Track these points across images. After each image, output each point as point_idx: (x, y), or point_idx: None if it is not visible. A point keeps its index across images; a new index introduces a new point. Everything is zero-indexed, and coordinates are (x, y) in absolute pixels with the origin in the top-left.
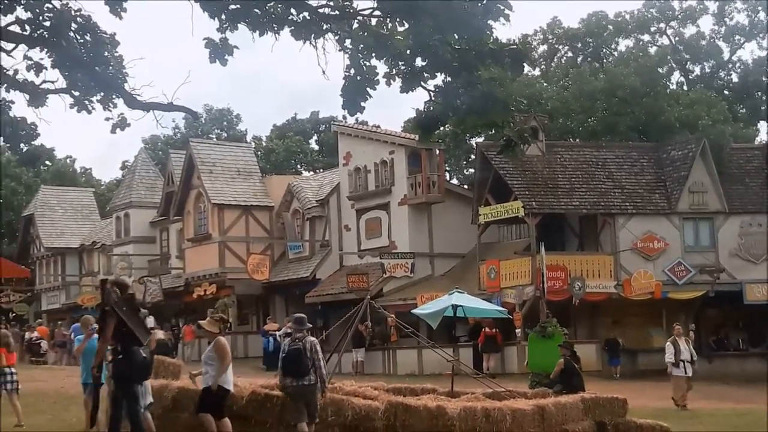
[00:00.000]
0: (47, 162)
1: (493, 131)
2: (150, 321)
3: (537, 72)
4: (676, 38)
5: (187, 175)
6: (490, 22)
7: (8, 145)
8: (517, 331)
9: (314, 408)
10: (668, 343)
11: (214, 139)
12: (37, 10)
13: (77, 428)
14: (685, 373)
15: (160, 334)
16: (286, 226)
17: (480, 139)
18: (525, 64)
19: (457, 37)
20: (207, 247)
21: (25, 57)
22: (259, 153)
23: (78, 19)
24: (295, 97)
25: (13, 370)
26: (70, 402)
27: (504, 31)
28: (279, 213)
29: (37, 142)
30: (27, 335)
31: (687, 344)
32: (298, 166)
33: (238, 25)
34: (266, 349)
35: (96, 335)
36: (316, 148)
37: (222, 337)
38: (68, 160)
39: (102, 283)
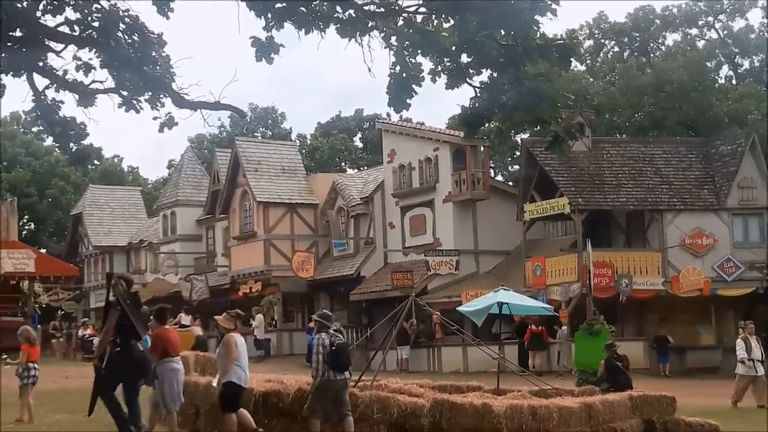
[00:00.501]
0: (95, 161)
1: (540, 127)
2: (187, 319)
3: (583, 67)
4: (725, 32)
5: (232, 173)
6: (537, 17)
7: (58, 144)
8: (564, 328)
9: (347, 402)
10: (739, 340)
11: (259, 138)
12: (86, 11)
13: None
14: (756, 372)
15: (198, 331)
16: (330, 224)
17: (525, 136)
18: (572, 59)
19: (503, 32)
20: (252, 245)
21: (75, 57)
22: (303, 151)
23: (126, 19)
24: (339, 95)
25: (36, 365)
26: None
27: (550, 27)
28: (324, 211)
29: (86, 142)
30: (80, 332)
31: (758, 342)
32: (343, 164)
33: (284, 23)
34: (311, 346)
35: None
36: (361, 145)
37: (234, 333)
38: (116, 160)
39: (108, 277)
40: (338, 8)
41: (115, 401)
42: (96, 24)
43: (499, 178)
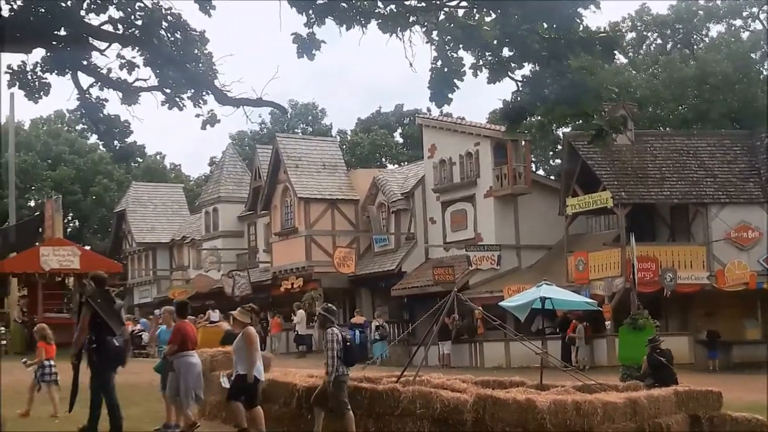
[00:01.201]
0: (138, 159)
1: (582, 121)
2: (216, 315)
3: (625, 60)
4: None
5: (273, 169)
6: (580, 9)
7: (102, 142)
8: (607, 323)
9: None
10: None
11: (300, 134)
12: (129, 10)
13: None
14: None
15: (226, 326)
16: (371, 219)
17: (567, 130)
18: (615, 52)
19: (545, 26)
20: (294, 241)
21: (118, 56)
22: (344, 147)
23: (168, 17)
24: (379, 91)
25: (53, 362)
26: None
27: (592, 19)
28: (364, 206)
29: (129, 140)
30: (130, 328)
31: None
32: (383, 160)
33: (326, 19)
34: (353, 341)
35: (162, 326)
36: (401, 141)
37: (251, 327)
38: (158, 157)
39: (80, 279)
40: (379, 4)
41: (99, 398)
42: (139, 22)
43: (541, 172)
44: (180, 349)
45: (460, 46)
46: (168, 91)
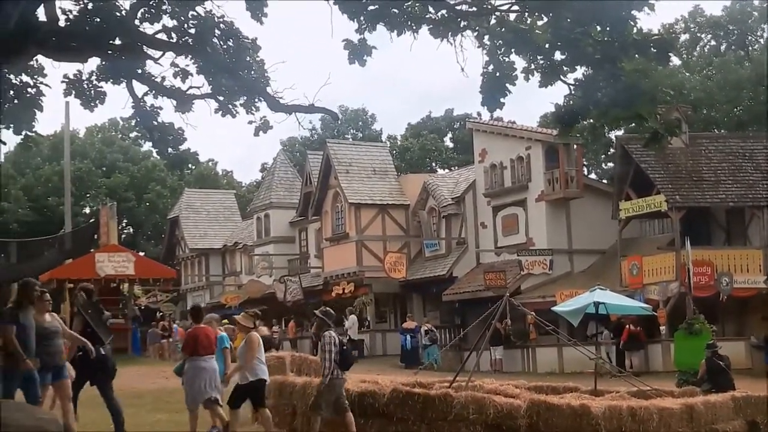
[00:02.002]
0: (191, 166)
1: (635, 124)
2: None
3: (679, 62)
4: None
5: (324, 175)
6: (634, 11)
7: (156, 150)
8: (662, 328)
9: (345, 397)
10: None
11: (350, 140)
12: (183, 18)
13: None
14: None
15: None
16: (422, 224)
17: (619, 133)
18: (670, 54)
19: (599, 28)
20: (345, 246)
21: (172, 64)
22: (394, 152)
23: (221, 25)
24: (429, 96)
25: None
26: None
27: (645, 21)
28: (415, 211)
29: (183, 147)
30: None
31: None
32: (434, 164)
33: (377, 25)
34: (404, 346)
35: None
36: (451, 145)
37: (254, 332)
38: (210, 163)
39: (71, 290)
40: (430, 9)
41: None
42: (192, 31)
43: (593, 176)
44: (191, 354)
45: (512, 50)
46: (221, 98)
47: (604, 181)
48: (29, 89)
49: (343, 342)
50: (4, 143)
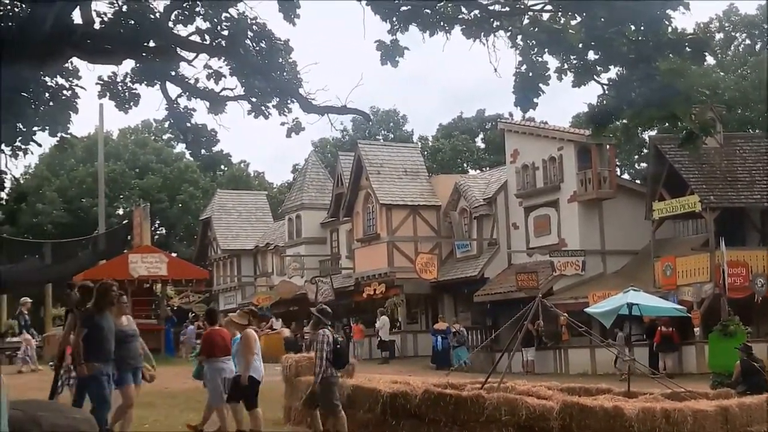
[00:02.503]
0: (223, 167)
1: (669, 124)
2: (278, 323)
3: (713, 61)
4: None
5: (355, 176)
6: (669, 11)
7: (190, 151)
8: (696, 329)
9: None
10: None
11: (381, 141)
12: (216, 20)
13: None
14: None
15: (286, 332)
16: (453, 225)
17: (653, 133)
18: (705, 53)
19: (633, 28)
20: (376, 247)
21: (206, 66)
22: (425, 153)
23: (254, 27)
24: (460, 96)
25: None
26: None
27: (679, 20)
28: (446, 212)
29: (216, 148)
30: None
31: None
32: (465, 165)
33: (409, 26)
34: (435, 347)
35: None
36: (483, 146)
37: (250, 329)
38: (242, 165)
39: (69, 288)
40: (463, 9)
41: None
42: (225, 33)
43: (626, 176)
44: (209, 356)
45: (545, 50)
46: (254, 100)
47: (637, 181)
48: (64, 91)
49: (337, 340)
50: (40, 145)
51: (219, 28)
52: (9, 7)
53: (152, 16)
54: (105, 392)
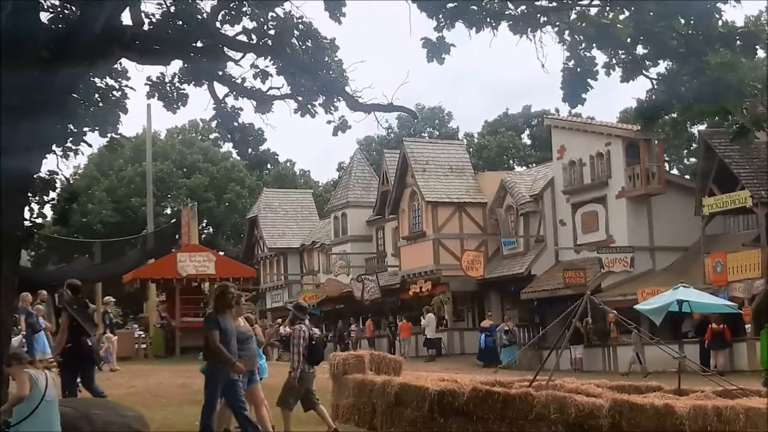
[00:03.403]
0: (270, 166)
1: (721, 119)
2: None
3: (764, 54)
4: None
5: (401, 174)
6: (719, 4)
7: (237, 150)
8: (747, 326)
9: (314, 391)
10: None
11: (427, 138)
12: (262, 20)
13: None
14: None
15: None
16: (499, 222)
17: (702, 127)
18: (758, 47)
19: (682, 21)
20: (422, 245)
21: (252, 65)
22: (471, 149)
23: (300, 26)
24: (506, 92)
25: None
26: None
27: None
28: (492, 209)
29: (263, 147)
30: (282, 330)
31: None
32: (511, 162)
33: (456, 23)
34: (481, 345)
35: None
36: (529, 142)
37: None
38: (288, 163)
39: (58, 287)
40: (510, 5)
41: (73, 390)
42: (272, 32)
43: (675, 171)
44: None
45: (593, 45)
46: (300, 98)
47: (687, 176)
48: (114, 92)
49: (313, 336)
50: (90, 146)
51: (265, 27)
52: (60, 9)
53: (199, 17)
54: (240, 393)
